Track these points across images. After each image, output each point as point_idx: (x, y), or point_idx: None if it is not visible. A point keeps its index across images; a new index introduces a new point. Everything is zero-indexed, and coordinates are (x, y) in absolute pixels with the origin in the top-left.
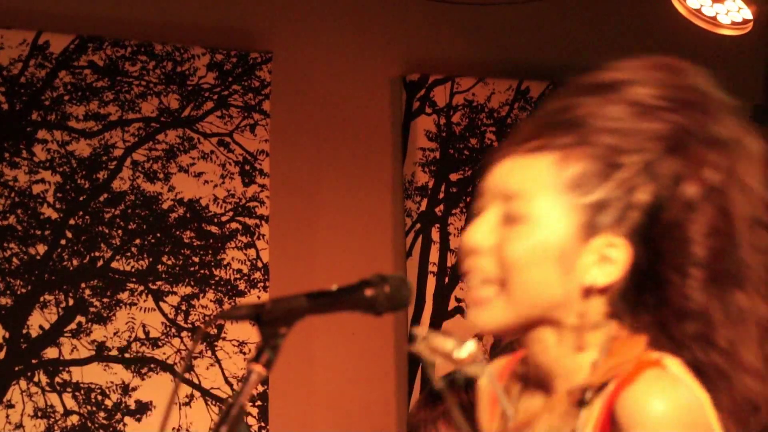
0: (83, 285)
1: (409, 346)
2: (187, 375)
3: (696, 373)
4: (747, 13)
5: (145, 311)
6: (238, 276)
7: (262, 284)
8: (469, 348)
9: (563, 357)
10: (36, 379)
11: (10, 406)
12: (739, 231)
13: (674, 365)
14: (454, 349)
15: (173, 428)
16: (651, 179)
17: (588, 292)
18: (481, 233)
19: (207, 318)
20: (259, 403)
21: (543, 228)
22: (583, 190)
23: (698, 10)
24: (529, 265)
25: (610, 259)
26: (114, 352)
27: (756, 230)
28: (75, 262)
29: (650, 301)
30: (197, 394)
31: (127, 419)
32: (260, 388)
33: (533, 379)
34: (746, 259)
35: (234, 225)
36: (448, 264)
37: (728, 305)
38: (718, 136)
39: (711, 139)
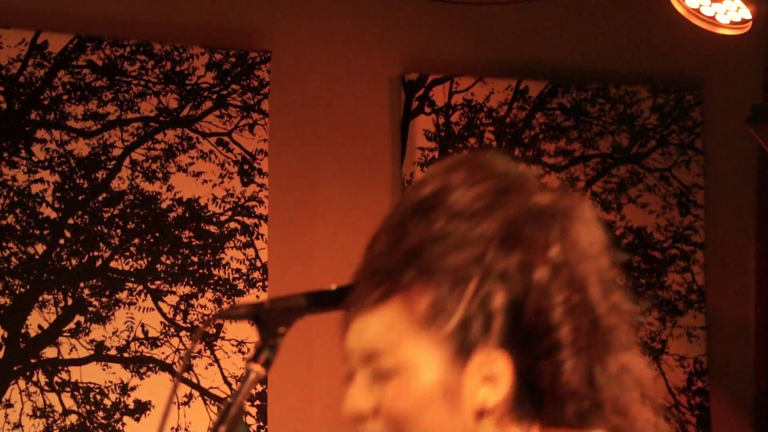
0: (82, 284)
1: None
2: (185, 374)
3: None
4: (746, 13)
5: (143, 311)
6: (236, 275)
7: (260, 284)
8: None
9: None
10: (35, 378)
11: (9, 405)
12: (594, 299)
13: None
14: None
15: (172, 428)
16: (499, 280)
17: (482, 413)
18: (358, 399)
19: (206, 317)
20: (258, 402)
21: (417, 374)
22: (438, 322)
23: (697, 10)
24: (417, 415)
25: (494, 376)
26: (113, 352)
27: (609, 290)
28: (74, 262)
29: (538, 395)
30: (196, 393)
31: (126, 419)
32: (259, 388)
33: None
34: (608, 322)
35: (233, 224)
36: None
37: (606, 372)
38: (543, 212)
39: (537, 217)
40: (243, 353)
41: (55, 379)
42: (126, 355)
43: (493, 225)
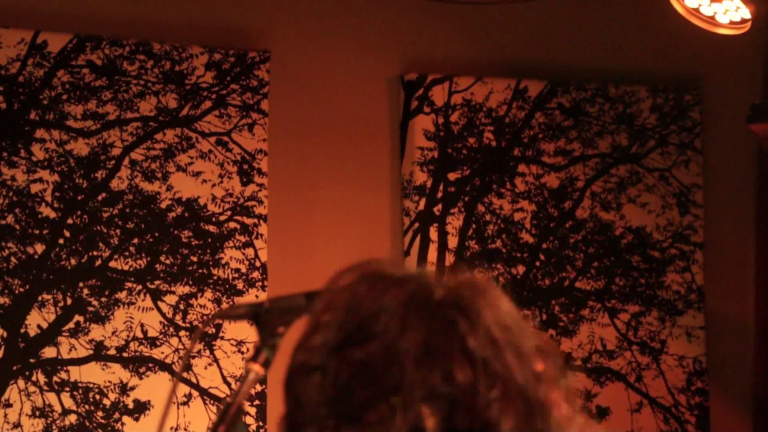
0: (81, 284)
1: None
2: (185, 374)
3: None
4: (745, 13)
5: (143, 310)
6: (236, 275)
7: (260, 283)
8: None
9: None
10: (34, 378)
11: (8, 405)
12: (524, 381)
13: None
14: None
15: (171, 428)
16: (426, 403)
17: None
18: None
19: (205, 317)
20: (257, 402)
21: None
22: None
23: (696, 10)
24: None
25: None
26: (112, 352)
27: (531, 365)
28: (73, 262)
29: None
30: (195, 393)
31: (125, 418)
32: (258, 388)
33: None
34: (543, 399)
35: (232, 224)
36: (447, 263)
37: None
38: (445, 311)
39: (446, 317)
40: (242, 353)
41: (55, 378)
42: (125, 354)
43: (409, 345)
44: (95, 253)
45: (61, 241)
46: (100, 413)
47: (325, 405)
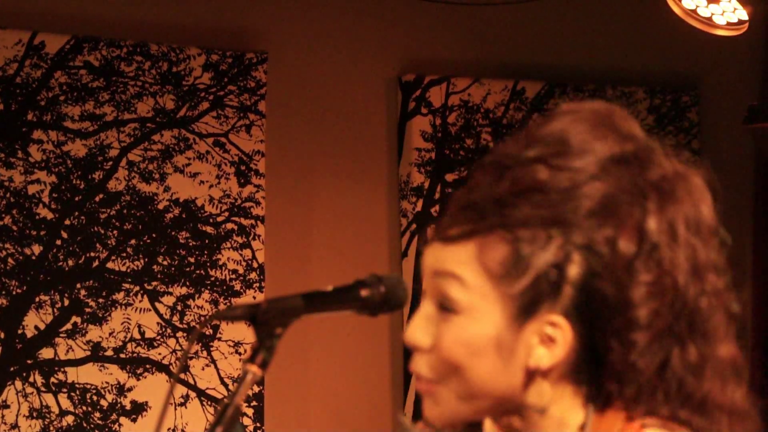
0: (78, 285)
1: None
2: (182, 375)
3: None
4: (742, 14)
5: (140, 311)
6: (233, 276)
7: (257, 284)
8: None
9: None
10: (31, 379)
11: (6, 406)
12: (682, 283)
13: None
14: None
15: (169, 429)
16: (581, 251)
17: (534, 374)
18: (419, 331)
19: (202, 318)
20: (254, 403)
21: (475, 321)
22: (508, 279)
23: (693, 11)
24: (467, 360)
25: (552, 339)
26: (109, 353)
27: (703, 275)
28: (70, 263)
29: (599, 369)
30: (193, 394)
31: (122, 420)
32: (256, 389)
33: None
34: (697, 309)
35: (229, 225)
36: None
37: (684, 361)
38: (647, 188)
39: (639, 194)
40: (240, 354)
41: (52, 379)
42: (122, 356)
43: (593, 193)
44: (92, 254)
45: (58, 242)
46: (97, 414)
47: (492, 202)
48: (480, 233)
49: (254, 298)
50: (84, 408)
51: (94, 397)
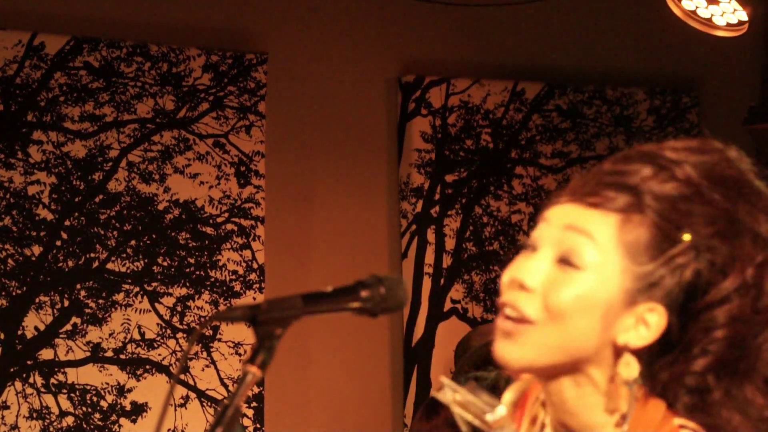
0: (78, 286)
1: (436, 393)
2: (182, 376)
3: None
4: (742, 15)
5: (140, 312)
6: (233, 277)
7: (257, 285)
8: (500, 412)
9: (584, 412)
10: (31, 380)
11: (6, 407)
12: (760, 325)
13: None
14: (486, 411)
15: (169, 429)
16: (698, 261)
17: (619, 350)
18: (533, 272)
19: (202, 319)
20: (254, 404)
21: (595, 282)
22: (638, 259)
23: (693, 12)
24: (573, 312)
25: (647, 324)
26: (109, 354)
27: None
28: (70, 264)
29: (664, 366)
30: (192, 395)
31: (122, 420)
32: (256, 390)
33: (553, 425)
34: (761, 352)
35: (229, 226)
36: (444, 265)
37: (731, 391)
38: (759, 231)
39: (754, 232)
40: (240, 355)
41: (52, 380)
42: (122, 356)
43: (718, 213)
44: (92, 255)
45: (58, 243)
46: (97, 415)
47: (654, 193)
48: (630, 211)
49: (254, 298)
50: (84, 409)
51: (94, 398)
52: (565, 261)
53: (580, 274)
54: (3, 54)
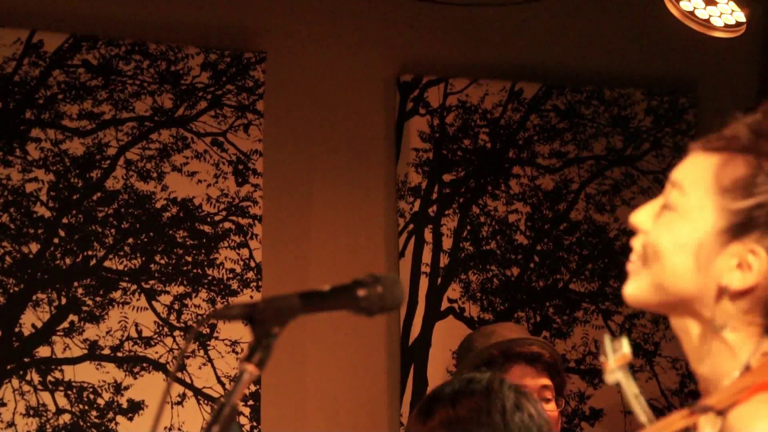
0: (76, 284)
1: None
2: (179, 374)
3: None
4: (740, 16)
5: (137, 310)
6: (231, 275)
7: (254, 284)
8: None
9: (707, 354)
10: (28, 377)
11: (2, 404)
12: None
13: None
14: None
15: (165, 427)
16: None
17: (723, 293)
18: (643, 215)
19: (200, 317)
20: (251, 402)
21: (688, 222)
22: (733, 195)
23: (691, 13)
24: (666, 253)
25: (749, 265)
26: (106, 351)
27: None
28: (68, 261)
29: None
30: (189, 393)
31: (119, 418)
32: (252, 388)
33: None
34: None
35: (227, 224)
36: (441, 265)
37: None
38: None
39: None
40: (237, 353)
41: (49, 378)
42: (120, 354)
43: None
44: (90, 252)
45: (55, 240)
46: (94, 413)
47: (753, 131)
48: (729, 150)
49: (251, 297)
50: (81, 406)
51: (91, 396)
52: (666, 205)
53: (674, 215)
54: (1, 51)
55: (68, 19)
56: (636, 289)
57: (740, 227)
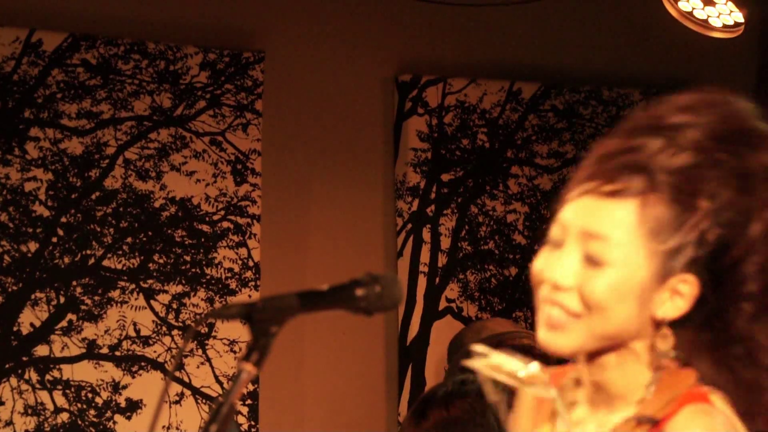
0: (74, 283)
1: (466, 361)
2: (177, 373)
3: (736, 390)
4: (738, 16)
5: (136, 309)
6: (229, 275)
7: (253, 283)
8: (533, 369)
9: (622, 378)
10: (26, 376)
11: (1, 403)
12: None
13: (719, 401)
14: (519, 369)
15: (163, 426)
16: (720, 221)
17: (661, 323)
18: (564, 272)
19: (198, 316)
20: (249, 401)
21: (625, 272)
22: (661, 238)
23: (690, 13)
24: (611, 304)
25: (681, 294)
26: (105, 350)
27: None
28: (66, 260)
29: (701, 325)
30: (187, 392)
31: (117, 417)
32: (250, 387)
33: (588, 394)
34: None
35: (225, 224)
36: (439, 264)
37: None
38: None
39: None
40: (235, 352)
41: (47, 377)
42: (118, 353)
43: (731, 170)
44: (88, 251)
45: (54, 239)
46: (92, 412)
47: (663, 166)
48: (646, 192)
49: (250, 296)
50: (79, 405)
51: (89, 395)
52: (590, 259)
53: (608, 270)
54: (1, 51)
55: (67, 18)
56: (572, 341)
57: (672, 264)
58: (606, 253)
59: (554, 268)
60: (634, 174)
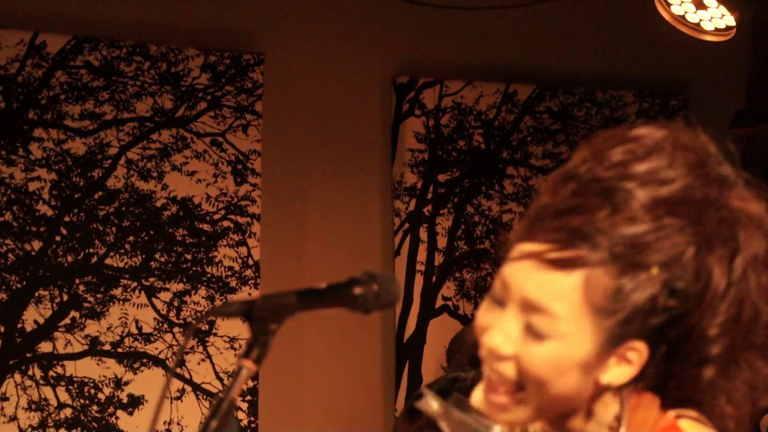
0: (77, 281)
1: (417, 403)
2: (178, 370)
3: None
4: (730, 20)
5: (138, 307)
6: (229, 273)
7: (253, 281)
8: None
9: (581, 428)
10: (30, 372)
11: (5, 398)
12: (755, 316)
13: (689, 426)
14: (479, 430)
15: (164, 422)
16: (674, 287)
17: (606, 388)
18: (502, 339)
19: (199, 314)
20: (249, 398)
21: (566, 347)
22: (608, 311)
23: (682, 17)
24: (550, 378)
25: (629, 361)
26: (107, 347)
27: (765, 302)
28: (69, 259)
29: (654, 387)
30: (188, 388)
31: (119, 413)
32: (250, 384)
33: None
34: (759, 338)
35: (226, 223)
36: (436, 263)
37: (735, 383)
38: (733, 222)
39: (721, 237)
40: (235, 349)
41: (50, 373)
42: (120, 350)
43: (683, 235)
44: (91, 250)
45: (57, 238)
46: (94, 407)
47: (602, 234)
48: (591, 264)
49: (249, 294)
50: (82, 401)
51: (92, 391)
52: (533, 331)
53: (549, 343)
54: (5, 53)
55: (70, 21)
56: (516, 418)
57: (619, 335)
58: (547, 327)
59: (494, 333)
60: (580, 241)
